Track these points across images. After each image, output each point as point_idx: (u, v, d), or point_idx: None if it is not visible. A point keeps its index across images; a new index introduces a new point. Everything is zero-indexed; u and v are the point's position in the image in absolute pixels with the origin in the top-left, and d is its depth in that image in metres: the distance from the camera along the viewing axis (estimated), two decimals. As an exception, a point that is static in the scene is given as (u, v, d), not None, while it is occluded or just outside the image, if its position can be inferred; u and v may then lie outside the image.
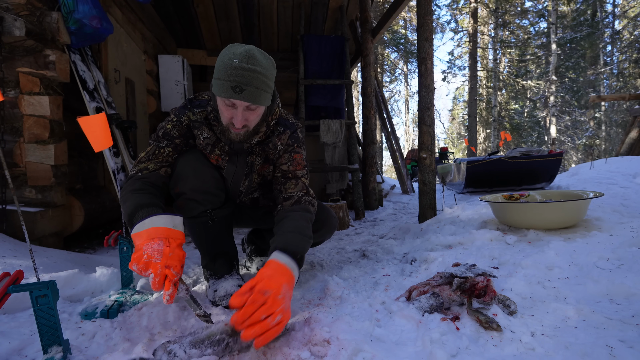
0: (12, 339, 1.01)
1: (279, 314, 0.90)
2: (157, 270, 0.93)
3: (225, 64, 1.13)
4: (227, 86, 1.12)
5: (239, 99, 1.14)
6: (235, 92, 1.13)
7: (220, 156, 1.39)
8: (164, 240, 1.00)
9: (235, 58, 1.12)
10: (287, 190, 1.38)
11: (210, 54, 5.77)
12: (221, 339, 0.92)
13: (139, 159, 1.31)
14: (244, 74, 1.11)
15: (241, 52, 1.13)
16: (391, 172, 22.67)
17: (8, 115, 2.16)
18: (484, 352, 0.89)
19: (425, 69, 2.73)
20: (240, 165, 1.42)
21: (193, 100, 1.37)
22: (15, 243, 1.88)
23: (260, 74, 1.14)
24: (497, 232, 1.91)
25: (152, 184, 1.25)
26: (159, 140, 1.33)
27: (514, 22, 17.81)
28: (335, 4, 4.72)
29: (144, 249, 0.97)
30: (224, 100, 1.18)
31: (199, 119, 1.35)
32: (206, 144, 1.36)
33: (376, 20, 5.56)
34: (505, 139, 4.78)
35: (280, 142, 1.41)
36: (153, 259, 0.95)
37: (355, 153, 4.43)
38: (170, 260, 0.96)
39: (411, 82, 23.02)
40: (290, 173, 1.42)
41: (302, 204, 1.33)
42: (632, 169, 3.66)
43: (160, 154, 1.31)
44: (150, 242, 0.98)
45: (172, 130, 1.33)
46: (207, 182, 1.35)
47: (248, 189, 1.51)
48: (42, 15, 2.16)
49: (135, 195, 1.16)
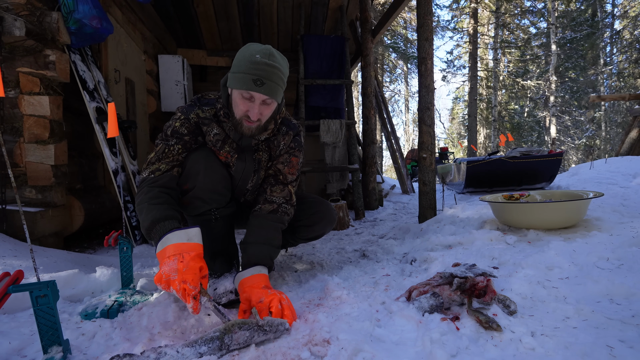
0: (12, 339, 1.01)
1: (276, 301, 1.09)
2: (177, 287, 0.99)
3: (246, 58, 1.20)
4: (248, 79, 1.19)
5: (259, 92, 1.20)
6: (256, 84, 1.19)
7: (229, 153, 1.41)
8: (178, 256, 1.04)
9: (257, 54, 1.19)
10: (272, 193, 1.43)
11: (210, 54, 5.77)
12: (214, 336, 0.92)
13: (149, 160, 1.32)
14: (265, 68, 1.19)
15: (262, 49, 1.21)
16: (391, 172, 22.66)
17: (8, 115, 2.16)
18: (484, 352, 0.88)
19: (425, 69, 2.73)
20: (249, 162, 1.44)
21: (201, 99, 1.39)
22: (15, 243, 1.88)
23: (279, 70, 1.23)
24: (497, 232, 1.91)
25: (165, 188, 1.26)
26: (167, 139, 1.33)
27: (514, 22, 17.80)
28: (335, 4, 4.72)
29: (162, 269, 1.03)
30: (241, 92, 1.22)
31: (209, 116, 1.37)
32: (216, 140, 1.38)
33: (376, 20, 5.56)
34: (507, 138, 4.78)
35: (284, 141, 1.46)
36: (171, 276, 1.00)
37: (355, 153, 4.42)
38: (185, 275, 1.00)
39: (411, 82, 23.05)
40: (282, 176, 1.46)
41: (278, 214, 1.41)
42: (632, 169, 3.66)
43: (170, 152, 1.32)
44: (166, 261, 1.04)
45: (181, 128, 1.34)
46: (216, 181, 1.37)
47: (255, 187, 1.53)
48: (42, 15, 2.16)
49: (151, 208, 1.18)
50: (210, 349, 0.90)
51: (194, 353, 0.88)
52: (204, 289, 1.05)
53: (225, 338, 0.93)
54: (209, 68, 6.14)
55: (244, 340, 0.95)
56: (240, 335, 0.94)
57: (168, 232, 1.10)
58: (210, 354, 0.90)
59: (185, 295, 0.98)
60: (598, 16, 16.93)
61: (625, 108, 16.07)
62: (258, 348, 0.93)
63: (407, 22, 17.95)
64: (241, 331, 0.95)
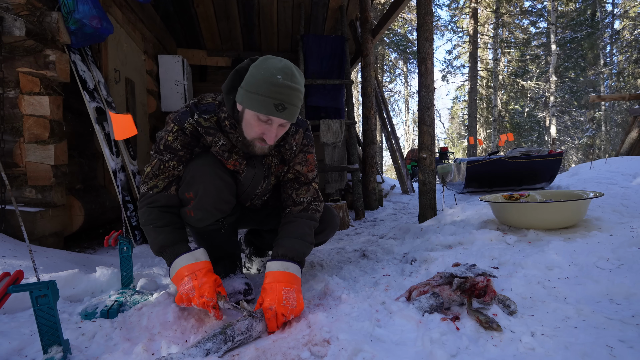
0: (12, 339, 1.01)
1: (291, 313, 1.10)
2: (197, 302, 1.09)
3: (267, 79, 1.08)
4: (269, 103, 1.09)
5: (280, 117, 1.12)
6: (277, 110, 1.10)
7: (237, 161, 1.32)
8: (191, 275, 1.13)
9: (278, 74, 1.08)
10: (299, 196, 1.40)
11: (210, 54, 5.77)
12: (216, 332, 0.96)
13: (147, 174, 1.27)
14: (288, 92, 1.10)
15: (283, 68, 1.10)
16: (391, 172, 22.66)
17: (8, 115, 2.16)
18: (484, 352, 0.88)
19: (425, 69, 2.73)
20: (258, 168, 1.38)
21: (199, 105, 1.27)
22: (15, 243, 1.88)
23: (300, 92, 1.14)
24: (497, 232, 1.91)
25: (165, 207, 1.26)
26: (161, 154, 1.26)
27: (514, 22, 17.80)
28: (335, 4, 4.72)
29: (180, 291, 1.12)
30: (258, 115, 1.13)
31: (212, 125, 1.26)
32: (222, 150, 1.30)
33: (376, 20, 5.55)
34: (508, 138, 4.77)
35: (295, 141, 1.39)
36: (190, 294, 1.10)
37: (355, 153, 4.43)
38: (201, 290, 1.10)
39: (411, 82, 23.04)
40: (303, 176, 1.42)
41: (309, 212, 1.38)
42: (632, 169, 3.66)
43: (166, 168, 1.26)
44: (182, 282, 1.13)
45: (174, 143, 1.25)
46: (222, 191, 1.30)
47: (264, 192, 1.49)
48: (42, 15, 2.16)
49: (157, 232, 1.22)
50: (216, 344, 0.93)
51: (200, 351, 0.90)
52: (221, 294, 1.12)
53: (227, 330, 0.96)
54: (209, 68, 6.14)
55: (245, 328, 0.99)
56: (241, 325, 0.99)
57: (177, 257, 1.17)
58: (217, 348, 0.92)
59: (206, 307, 1.08)
60: (598, 16, 16.93)
61: (625, 108, 16.08)
62: (258, 348, 0.93)
63: (406, 22, 17.95)
64: (240, 322, 1.00)
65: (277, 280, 1.16)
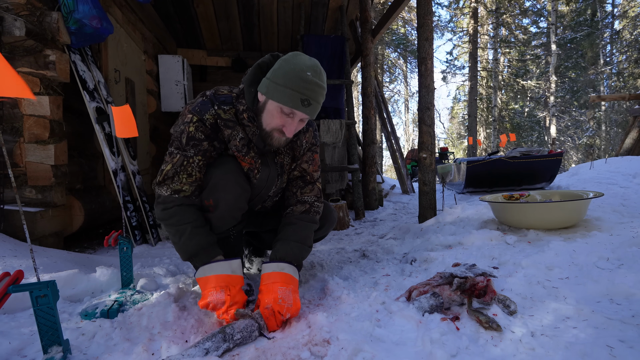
0: (12, 339, 1.01)
1: (287, 311, 1.10)
2: (220, 316, 1.12)
3: (296, 74, 1.12)
4: (296, 97, 1.12)
5: (304, 112, 1.16)
6: (303, 105, 1.14)
7: (253, 158, 1.31)
8: (225, 289, 1.13)
9: (308, 71, 1.12)
10: (304, 195, 1.41)
11: (210, 54, 5.78)
12: (216, 332, 0.96)
13: (166, 174, 1.20)
14: (315, 89, 1.14)
15: (312, 66, 1.14)
16: (391, 172, 22.66)
17: (8, 115, 2.16)
18: (484, 352, 0.88)
19: (425, 69, 2.73)
20: (272, 166, 1.38)
21: (217, 96, 1.25)
22: (15, 243, 1.88)
23: (325, 91, 1.19)
24: (497, 232, 1.91)
25: (198, 208, 1.25)
26: (184, 149, 1.20)
27: (514, 22, 17.80)
28: (335, 4, 4.72)
29: (209, 299, 1.12)
30: (282, 107, 1.15)
31: (231, 118, 1.25)
32: (242, 145, 1.28)
33: (376, 20, 5.55)
34: (509, 138, 4.77)
35: (306, 139, 1.42)
36: (217, 306, 1.12)
37: (355, 153, 4.43)
38: (230, 310, 1.11)
39: (411, 82, 23.04)
40: (309, 175, 1.44)
41: (310, 214, 1.39)
42: (632, 169, 3.66)
43: (190, 164, 1.20)
44: (213, 291, 1.12)
45: (197, 133, 1.20)
46: (239, 199, 1.29)
47: (276, 192, 1.48)
48: (42, 15, 2.16)
49: (195, 232, 1.20)
50: (215, 343, 0.93)
51: (199, 351, 0.90)
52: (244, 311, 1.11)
53: (226, 329, 0.97)
54: (209, 68, 6.14)
55: (244, 326, 0.99)
56: (240, 323, 1.00)
57: (213, 261, 1.17)
58: (216, 347, 0.92)
59: (223, 318, 1.12)
60: (598, 16, 16.92)
61: (625, 108, 16.07)
62: (258, 348, 0.93)
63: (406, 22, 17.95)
64: (239, 321, 1.01)
65: (272, 280, 1.17)
